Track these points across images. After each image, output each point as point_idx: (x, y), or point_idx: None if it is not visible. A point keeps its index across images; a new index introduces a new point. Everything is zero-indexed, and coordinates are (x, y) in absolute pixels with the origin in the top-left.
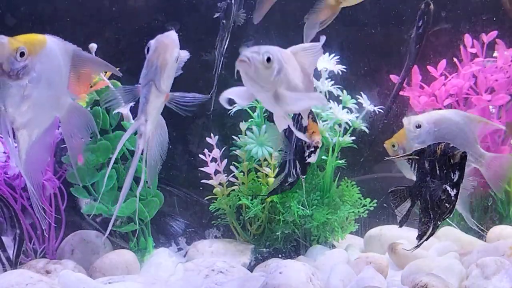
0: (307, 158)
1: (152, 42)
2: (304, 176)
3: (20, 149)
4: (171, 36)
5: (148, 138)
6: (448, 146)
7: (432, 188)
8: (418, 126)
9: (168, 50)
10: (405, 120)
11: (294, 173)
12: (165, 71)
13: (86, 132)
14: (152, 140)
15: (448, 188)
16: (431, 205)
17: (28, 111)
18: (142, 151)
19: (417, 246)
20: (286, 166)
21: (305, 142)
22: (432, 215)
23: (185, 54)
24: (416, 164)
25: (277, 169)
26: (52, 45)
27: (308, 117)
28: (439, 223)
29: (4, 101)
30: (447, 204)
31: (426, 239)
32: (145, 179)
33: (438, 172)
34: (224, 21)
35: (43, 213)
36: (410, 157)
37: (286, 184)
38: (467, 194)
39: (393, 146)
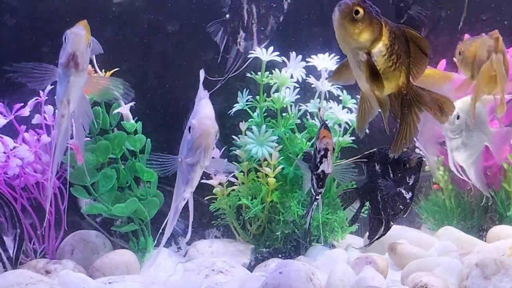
0: (319, 165)
1: (195, 125)
2: (322, 190)
3: (59, 136)
4: (210, 115)
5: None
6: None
7: (385, 190)
8: (458, 118)
9: (211, 134)
10: None
11: (313, 190)
12: (209, 151)
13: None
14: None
15: (403, 191)
16: (382, 206)
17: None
18: None
19: (368, 245)
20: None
21: (316, 147)
22: (383, 215)
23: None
24: (365, 166)
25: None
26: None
27: (321, 128)
28: (391, 223)
29: (69, 95)
30: (401, 206)
31: (378, 239)
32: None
33: (391, 175)
34: (228, 15)
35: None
36: (359, 160)
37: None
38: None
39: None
